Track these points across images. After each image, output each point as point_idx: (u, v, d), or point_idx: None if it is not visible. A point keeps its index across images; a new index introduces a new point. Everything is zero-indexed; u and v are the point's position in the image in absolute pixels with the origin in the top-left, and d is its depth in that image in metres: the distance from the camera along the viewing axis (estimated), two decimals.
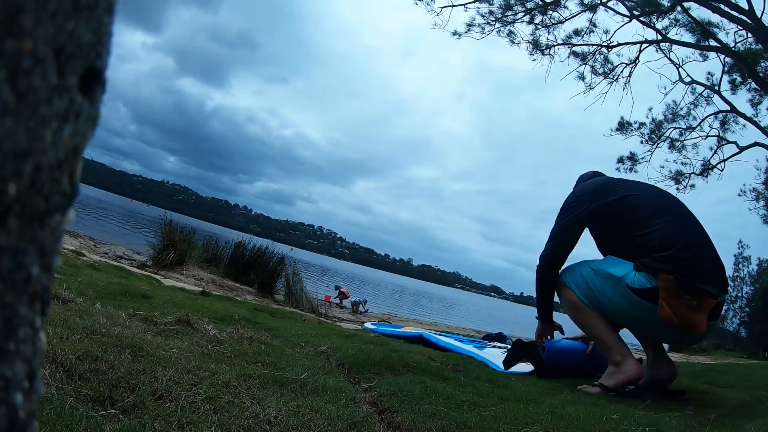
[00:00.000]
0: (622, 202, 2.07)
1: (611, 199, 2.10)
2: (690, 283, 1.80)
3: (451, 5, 8.07)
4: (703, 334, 1.88)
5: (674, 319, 1.79)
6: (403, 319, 8.50)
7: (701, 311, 1.80)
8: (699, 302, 1.80)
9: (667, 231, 1.91)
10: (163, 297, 2.72)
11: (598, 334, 2.04)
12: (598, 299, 1.99)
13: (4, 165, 0.18)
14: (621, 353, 1.95)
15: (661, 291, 1.80)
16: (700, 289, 1.80)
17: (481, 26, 8.33)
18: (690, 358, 9.00)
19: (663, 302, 1.80)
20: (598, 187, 2.18)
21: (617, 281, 1.92)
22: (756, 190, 9.28)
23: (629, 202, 2.06)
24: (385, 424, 1.24)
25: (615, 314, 1.98)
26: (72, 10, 0.20)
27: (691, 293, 1.79)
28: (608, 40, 8.45)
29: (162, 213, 6.68)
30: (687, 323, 1.79)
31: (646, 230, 1.94)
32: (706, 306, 1.81)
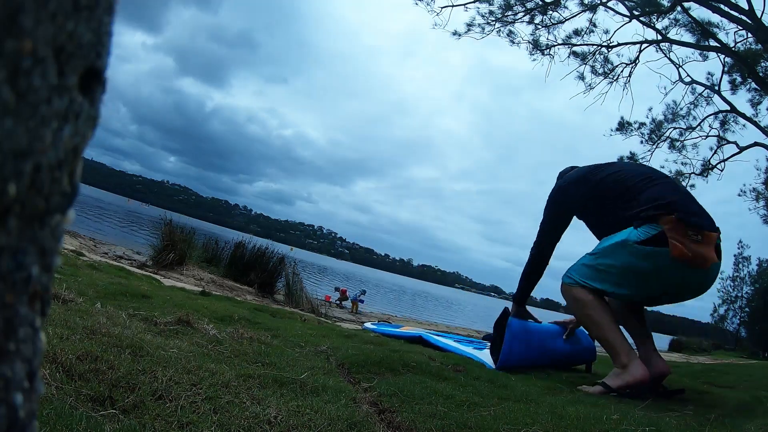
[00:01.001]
0: (607, 180, 2.16)
1: (597, 180, 2.19)
2: (690, 220, 1.89)
3: (451, 5, 8.07)
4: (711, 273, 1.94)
5: (687, 253, 1.84)
6: (403, 319, 8.50)
7: (707, 245, 1.88)
8: (702, 237, 1.88)
9: (656, 190, 2.01)
10: (163, 297, 2.72)
11: (606, 335, 2.03)
12: (609, 275, 2.01)
13: (4, 165, 0.18)
14: (628, 355, 1.95)
15: (668, 232, 1.86)
16: (700, 224, 1.90)
17: (481, 26, 8.33)
18: (690, 358, 9.00)
19: (672, 241, 1.85)
20: (581, 174, 2.28)
21: (622, 245, 1.96)
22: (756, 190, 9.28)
23: (614, 178, 2.15)
24: (385, 424, 1.24)
25: (631, 280, 1.98)
26: (72, 10, 0.20)
27: (693, 229, 1.88)
28: (608, 40, 8.46)
29: (162, 213, 6.68)
30: (700, 256, 1.85)
31: (637, 195, 2.03)
32: (710, 240, 1.89)
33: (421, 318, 10.24)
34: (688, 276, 1.92)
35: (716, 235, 1.93)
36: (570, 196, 2.29)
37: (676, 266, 1.87)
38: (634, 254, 1.93)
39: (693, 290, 2.04)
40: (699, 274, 1.92)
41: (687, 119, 9.05)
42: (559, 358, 2.55)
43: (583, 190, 2.23)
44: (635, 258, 1.93)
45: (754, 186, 9.29)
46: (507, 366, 2.30)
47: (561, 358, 2.57)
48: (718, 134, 8.86)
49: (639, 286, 2.01)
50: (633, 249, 1.93)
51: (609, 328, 2.03)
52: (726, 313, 25.04)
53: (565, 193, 2.31)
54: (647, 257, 1.90)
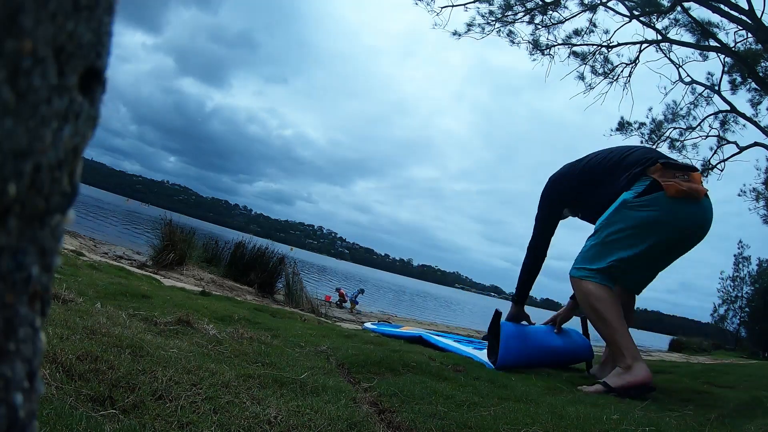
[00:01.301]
0: (592, 163, 2.31)
1: (582, 165, 2.34)
2: (677, 164, 2.08)
3: (451, 5, 8.07)
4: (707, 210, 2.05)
5: (682, 187, 1.97)
6: (403, 319, 8.50)
7: (695, 181, 2.03)
8: (689, 176, 2.04)
9: (636, 155, 2.16)
10: (163, 297, 2.72)
11: (612, 334, 2.03)
12: (618, 242, 2.06)
13: (4, 165, 0.18)
14: (633, 357, 1.96)
15: (659, 178, 2.00)
16: (684, 166, 2.10)
17: (481, 26, 8.33)
18: (690, 358, 9.00)
19: (665, 183, 1.98)
20: (567, 166, 2.44)
21: (622, 206, 2.05)
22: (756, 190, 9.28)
23: (599, 159, 2.29)
24: (385, 424, 1.24)
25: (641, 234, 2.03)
26: (72, 10, 0.20)
27: (679, 170, 2.05)
28: (608, 40, 8.46)
29: (162, 213, 6.68)
30: (693, 189, 1.98)
31: (622, 164, 2.15)
32: (696, 179, 2.04)
33: (421, 318, 10.24)
34: (688, 211, 2.01)
35: (699, 175, 2.09)
36: (561, 187, 2.41)
37: (676, 204, 1.98)
38: (635, 208, 2.01)
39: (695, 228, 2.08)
40: (696, 207, 2.02)
41: (687, 119, 9.05)
42: (556, 357, 2.56)
43: (571, 179, 2.36)
44: (637, 212, 2.01)
45: (754, 186, 9.30)
46: (506, 365, 2.31)
47: (558, 357, 2.58)
48: (718, 134, 8.86)
49: (650, 236, 2.03)
50: (633, 204, 2.02)
51: (617, 327, 2.02)
52: (726, 313, 25.03)
53: (556, 186, 2.44)
54: (647, 205, 1.99)
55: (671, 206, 1.98)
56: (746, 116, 8.36)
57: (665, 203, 1.97)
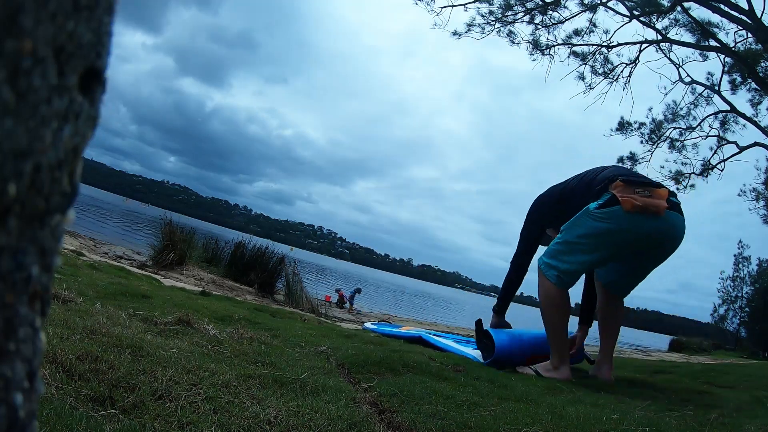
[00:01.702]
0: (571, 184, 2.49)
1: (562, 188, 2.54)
2: (637, 181, 2.19)
3: (451, 5, 8.07)
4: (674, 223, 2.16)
5: (638, 203, 2.10)
6: (403, 319, 8.50)
7: (657, 197, 2.13)
8: (650, 192, 2.15)
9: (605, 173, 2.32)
10: (163, 297, 2.72)
11: (554, 336, 2.30)
12: (580, 245, 2.24)
13: (4, 165, 0.18)
14: (560, 360, 2.28)
15: (618, 194, 2.14)
16: (645, 182, 2.20)
17: (481, 26, 8.32)
18: (690, 358, 9.00)
19: (622, 199, 2.12)
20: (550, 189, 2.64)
21: (584, 214, 2.23)
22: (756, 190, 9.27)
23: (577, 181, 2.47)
24: (385, 424, 1.24)
25: (599, 242, 2.20)
26: (72, 10, 0.20)
27: (639, 187, 2.16)
28: (608, 40, 8.45)
29: (162, 213, 6.68)
30: (650, 205, 2.10)
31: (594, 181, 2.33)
32: (658, 194, 2.15)
33: (421, 318, 10.24)
34: (647, 225, 2.13)
35: (665, 191, 2.18)
36: (544, 208, 2.63)
37: (632, 219, 2.11)
38: (594, 218, 2.18)
39: (659, 240, 2.21)
40: (657, 221, 2.12)
41: (687, 119, 9.04)
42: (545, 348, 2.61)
43: (552, 200, 2.58)
44: (596, 221, 2.18)
45: (754, 186, 9.28)
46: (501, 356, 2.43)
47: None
48: (718, 134, 8.85)
49: (607, 245, 2.21)
50: (593, 214, 2.19)
51: (559, 332, 2.31)
52: (726, 313, 25.02)
53: (539, 206, 2.66)
54: (605, 217, 2.15)
55: (627, 220, 2.11)
56: (746, 116, 8.35)
57: (620, 217, 2.12)
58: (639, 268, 2.38)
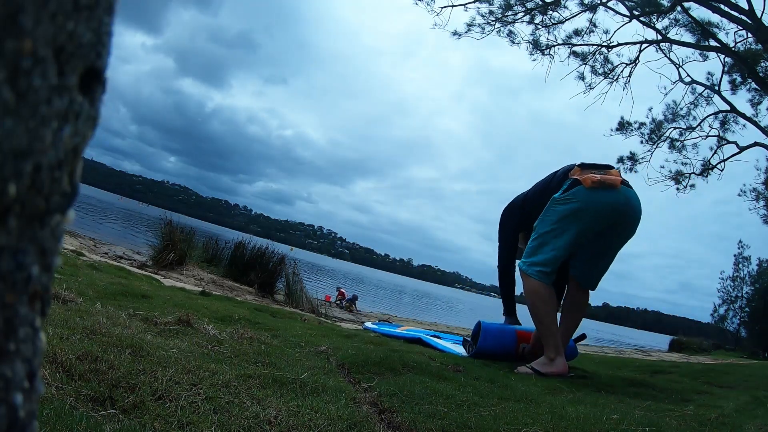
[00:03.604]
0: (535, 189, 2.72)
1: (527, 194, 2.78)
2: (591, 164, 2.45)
3: (451, 5, 8.06)
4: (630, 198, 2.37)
5: (596, 178, 2.34)
6: (403, 319, 8.50)
7: (612, 175, 2.39)
8: (605, 171, 2.40)
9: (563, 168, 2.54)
10: (163, 297, 2.72)
11: (546, 329, 2.41)
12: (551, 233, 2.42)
13: (4, 165, 0.18)
14: (556, 351, 2.37)
15: (578, 177, 2.39)
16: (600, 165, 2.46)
17: (481, 26, 8.32)
18: (690, 358, 9.00)
19: (582, 178, 2.36)
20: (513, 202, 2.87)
21: (550, 205, 2.44)
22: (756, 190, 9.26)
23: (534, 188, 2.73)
24: (385, 424, 1.24)
25: (568, 223, 2.38)
26: (72, 10, 0.20)
27: (595, 168, 2.43)
28: (608, 40, 8.44)
29: (162, 213, 6.67)
30: (608, 179, 2.35)
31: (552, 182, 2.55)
32: (613, 173, 2.41)
33: (421, 318, 10.24)
34: (607, 198, 2.35)
35: (616, 171, 2.45)
36: (512, 215, 2.85)
37: (594, 193, 2.34)
38: (560, 203, 2.40)
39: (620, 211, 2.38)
40: (615, 194, 2.35)
41: (687, 119, 9.03)
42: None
43: (518, 205, 2.81)
44: (562, 205, 2.39)
45: (754, 186, 9.27)
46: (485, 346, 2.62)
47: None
48: (718, 134, 8.84)
49: (575, 223, 2.39)
50: (559, 200, 2.41)
51: (550, 325, 2.41)
52: (726, 313, 25.01)
53: (508, 214, 2.89)
54: (570, 198, 2.38)
55: (590, 196, 2.35)
56: (746, 116, 8.34)
57: (584, 194, 2.36)
58: (602, 253, 2.54)
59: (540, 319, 2.41)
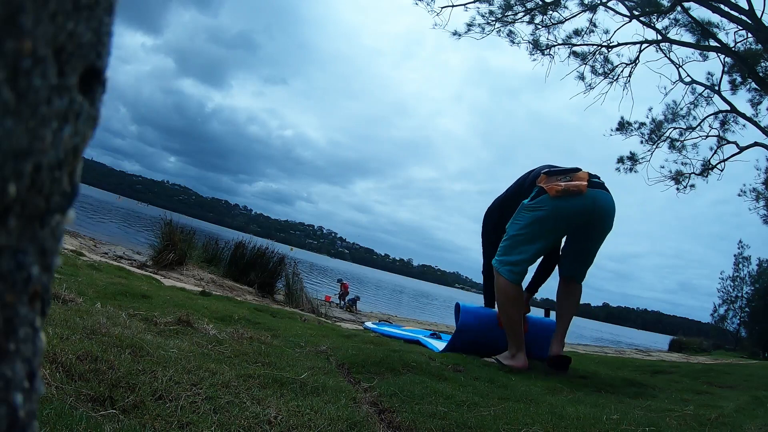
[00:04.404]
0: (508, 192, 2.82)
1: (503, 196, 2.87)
2: (557, 170, 2.51)
3: (451, 5, 8.06)
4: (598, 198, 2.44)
5: (560, 187, 2.40)
6: (403, 319, 8.50)
7: (577, 180, 2.44)
8: (571, 177, 2.46)
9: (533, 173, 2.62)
10: (163, 297, 2.72)
11: (511, 327, 2.56)
12: (523, 237, 2.52)
13: (4, 165, 0.18)
14: (518, 348, 2.52)
15: (544, 186, 2.46)
16: (564, 170, 2.51)
17: (481, 26, 8.31)
18: (690, 358, 9.00)
19: (547, 187, 2.44)
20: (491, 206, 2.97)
21: (520, 210, 2.54)
22: (756, 190, 9.25)
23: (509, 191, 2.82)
24: (385, 424, 1.24)
25: (538, 230, 2.48)
26: (72, 10, 0.20)
27: (560, 175, 2.49)
28: (608, 40, 8.44)
29: (162, 213, 6.67)
30: (572, 186, 2.41)
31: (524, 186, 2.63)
32: (579, 177, 2.46)
33: (422, 318, 10.24)
34: (572, 204, 2.43)
35: (584, 173, 2.49)
36: (492, 218, 2.94)
37: (559, 202, 2.41)
38: (529, 209, 2.50)
39: (588, 214, 2.47)
40: (581, 199, 2.42)
41: (687, 119, 9.02)
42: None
43: (496, 206, 2.90)
44: (531, 212, 2.48)
45: (754, 186, 9.26)
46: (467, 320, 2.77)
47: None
48: (718, 134, 8.84)
49: (546, 231, 2.50)
50: (528, 206, 2.50)
51: (515, 323, 2.57)
52: (726, 313, 25.01)
53: (488, 218, 2.99)
54: (537, 206, 2.46)
55: (555, 204, 2.42)
56: (746, 116, 8.33)
57: (549, 203, 2.43)
58: (583, 249, 2.65)
59: (507, 317, 2.58)
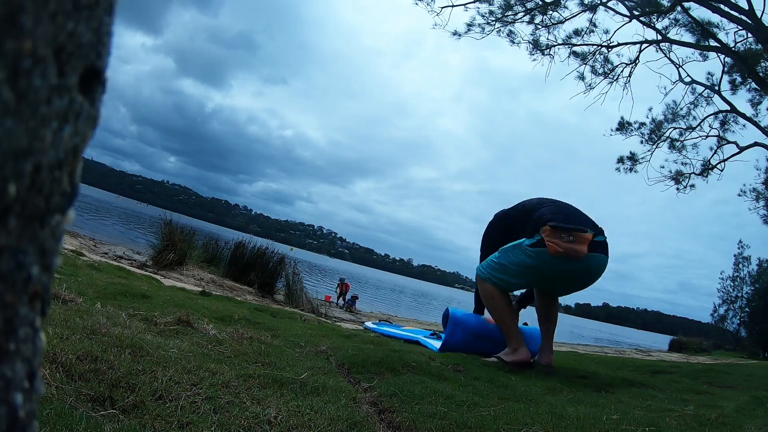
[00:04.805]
0: (512, 211, 2.88)
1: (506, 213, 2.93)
2: (563, 227, 2.45)
3: (451, 5, 8.06)
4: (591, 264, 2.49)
5: (559, 250, 2.41)
6: (403, 319, 8.50)
7: (579, 243, 2.43)
8: (574, 237, 2.44)
9: (542, 211, 2.60)
10: (163, 297, 2.72)
11: (504, 323, 2.63)
12: (510, 269, 2.60)
13: (4, 165, 0.18)
14: (518, 341, 2.55)
15: (545, 238, 2.45)
16: (572, 228, 2.45)
17: (481, 26, 8.31)
18: (690, 358, 9.00)
19: (548, 243, 2.43)
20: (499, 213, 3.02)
21: (518, 245, 2.58)
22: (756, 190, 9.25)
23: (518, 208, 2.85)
24: (385, 424, 1.24)
25: (526, 273, 2.57)
26: (72, 10, 0.20)
27: (565, 232, 2.45)
28: (608, 40, 8.44)
29: (162, 213, 6.67)
30: (571, 251, 2.41)
31: (531, 215, 2.62)
32: (582, 240, 2.44)
33: (421, 318, 10.24)
34: (568, 267, 2.47)
35: (589, 235, 2.46)
36: (494, 230, 3.00)
37: (555, 260, 2.44)
38: (524, 253, 2.53)
39: (579, 277, 2.58)
40: (577, 263, 2.46)
41: (687, 119, 9.02)
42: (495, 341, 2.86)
43: (500, 223, 2.95)
44: (525, 256, 2.53)
45: (754, 186, 9.26)
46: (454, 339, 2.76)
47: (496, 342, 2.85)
48: (718, 134, 8.84)
49: (533, 277, 2.61)
50: (524, 250, 2.53)
51: (507, 319, 2.64)
52: (726, 313, 25.00)
53: (491, 229, 3.03)
54: (533, 255, 2.50)
55: (549, 260, 2.46)
56: (746, 116, 8.33)
57: (545, 258, 2.47)
58: (561, 289, 2.79)
59: (499, 316, 2.66)
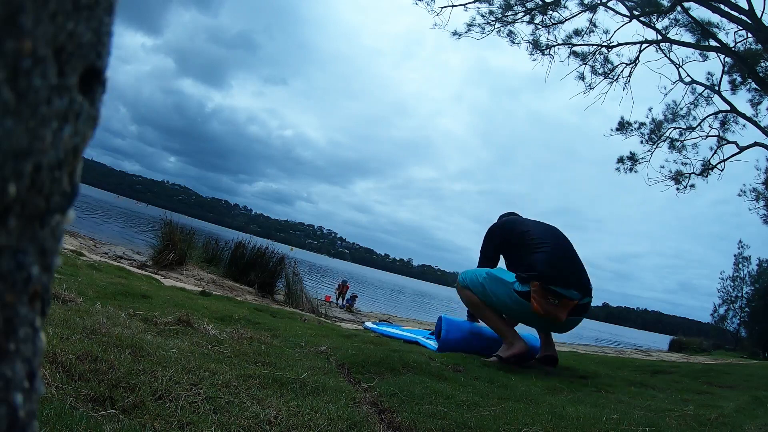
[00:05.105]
0: (515, 231, 2.89)
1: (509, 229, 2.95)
2: (550, 289, 2.49)
3: (451, 5, 8.06)
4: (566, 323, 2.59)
5: (541, 311, 2.47)
6: (403, 319, 8.50)
7: (562, 308, 2.49)
8: (559, 302, 2.49)
9: (538, 257, 2.61)
10: (163, 297, 2.72)
11: (495, 323, 2.70)
12: (490, 298, 2.67)
13: (4, 165, 0.18)
14: (512, 336, 2.62)
15: (532, 293, 2.49)
16: (559, 293, 2.50)
17: (481, 26, 8.31)
18: (690, 358, 9.00)
19: (533, 301, 2.48)
20: (505, 223, 3.05)
21: (508, 285, 2.62)
22: (756, 190, 9.25)
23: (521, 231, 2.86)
24: (385, 424, 1.24)
25: (502, 308, 2.66)
26: (72, 10, 0.20)
27: (552, 295, 2.49)
28: (608, 40, 8.44)
29: (162, 213, 6.67)
30: (552, 314, 2.48)
31: (529, 254, 2.66)
32: (566, 305, 2.50)
33: (421, 318, 10.24)
34: (546, 322, 2.59)
35: (574, 301, 2.52)
36: (494, 237, 3.05)
37: (533, 315, 2.52)
38: (510, 297, 2.59)
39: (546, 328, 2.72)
40: (555, 323, 2.55)
41: (687, 119, 9.02)
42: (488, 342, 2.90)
43: (501, 233, 3.01)
44: (510, 300, 2.59)
45: (754, 186, 9.26)
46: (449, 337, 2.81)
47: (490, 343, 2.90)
48: (718, 134, 8.83)
49: (508, 313, 2.69)
50: (512, 294, 2.58)
51: (495, 319, 2.70)
52: (726, 313, 25.01)
53: (492, 234, 3.08)
54: (518, 303, 2.56)
55: (529, 311, 2.52)
56: (746, 116, 8.33)
57: (525, 308, 2.54)
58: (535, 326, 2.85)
59: (485, 316, 2.73)
